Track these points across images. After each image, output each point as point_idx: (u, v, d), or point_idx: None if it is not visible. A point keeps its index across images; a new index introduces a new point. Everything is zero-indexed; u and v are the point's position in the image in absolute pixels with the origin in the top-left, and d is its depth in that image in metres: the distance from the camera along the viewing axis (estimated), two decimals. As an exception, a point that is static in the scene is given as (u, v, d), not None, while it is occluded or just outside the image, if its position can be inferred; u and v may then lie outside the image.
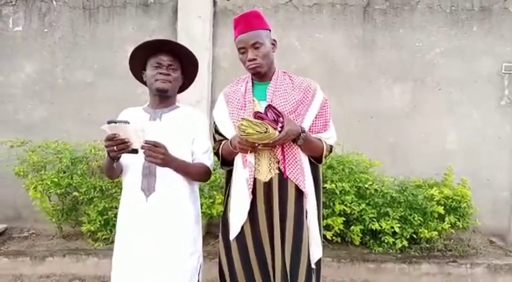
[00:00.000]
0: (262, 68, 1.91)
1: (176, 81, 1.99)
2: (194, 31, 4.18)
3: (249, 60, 1.89)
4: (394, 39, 4.29)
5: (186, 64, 2.04)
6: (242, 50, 1.92)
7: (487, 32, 4.25)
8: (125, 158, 1.85)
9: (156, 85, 1.92)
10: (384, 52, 4.30)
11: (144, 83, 2.06)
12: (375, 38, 4.30)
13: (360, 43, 4.31)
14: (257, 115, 1.77)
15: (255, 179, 1.89)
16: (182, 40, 4.12)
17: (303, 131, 1.84)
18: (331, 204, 3.52)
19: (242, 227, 1.91)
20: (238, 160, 1.95)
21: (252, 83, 2.02)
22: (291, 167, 1.87)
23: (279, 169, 1.88)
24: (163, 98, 1.99)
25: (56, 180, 3.61)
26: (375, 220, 3.53)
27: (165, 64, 1.93)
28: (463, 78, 4.27)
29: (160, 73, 1.91)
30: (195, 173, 1.96)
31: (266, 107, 1.83)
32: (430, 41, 4.27)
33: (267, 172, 1.89)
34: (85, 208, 3.72)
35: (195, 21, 4.19)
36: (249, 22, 1.90)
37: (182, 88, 2.14)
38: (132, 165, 1.91)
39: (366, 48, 4.31)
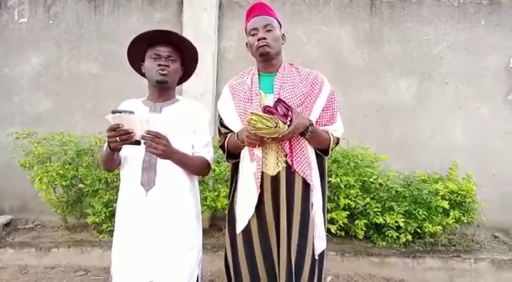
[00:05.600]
0: (271, 49, 1.90)
1: (175, 72, 1.95)
2: (200, 24, 4.16)
3: (259, 40, 1.88)
4: (401, 33, 4.26)
5: (185, 55, 2.00)
6: (253, 31, 1.92)
7: (495, 26, 4.20)
8: (124, 151, 1.82)
9: (156, 77, 1.88)
10: (391, 45, 4.27)
11: (143, 74, 2.02)
12: (382, 32, 4.27)
13: (367, 36, 4.28)
14: (266, 109, 1.76)
15: (262, 173, 1.88)
16: (187, 32, 4.11)
17: (311, 125, 1.83)
18: (336, 198, 3.52)
19: (249, 221, 1.91)
20: (245, 153, 1.95)
21: (258, 75, 2.01)
22: (299, 160, 1.87)
23: (286, 162, 1.88)
24: (163, 91, 1.95)
25: (61, 171, 3.62)
26: (379, 214, 3.53)
27: (164, 56, 1.88)
28: (470, 72, 4.23)
29: (159, 64, 1.87)
30: (195, 166, 1.93)
31: (275, 102, 1.82)
32: (437, 35, 4.23)
33: (274, 166, 1.89)
34: (90, 200, 3.73)
35: (201, 13, 4.16)
36: (263, 9, 1.97)
37: (181, 80, 2.10)
38: (132, 158, 1.88)
39: (373, 42, 4.28)
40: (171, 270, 1.84)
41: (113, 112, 1.62)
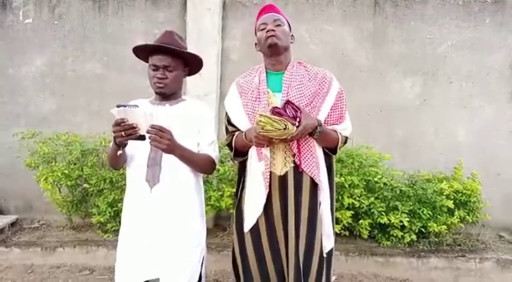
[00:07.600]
0: (279, 40, 1.90)
1: (175, 80, 1.96)
2: (203, 24, 4.16)
3: (268, 31, 1.90)
4: (405, 32, 4.25)
5: (188, 60, 2.02)
6: (263, 26, 1.94)
7: (500, 25, 4.19)
8: (130, 148, 1.84)
9: (154, 89, 1.94)
10: (395, 45, 4.26)
11: None
12: (386, 31, 4.26)
13: (370, 36, 4.27)
14: (275, 111, 1.76)
15: (270, 172, 1.88)
16: (191, 32, 4.12)
17: (320, 125, 1.83)
18: (340, 197, 3.52)
19: (257, 220, 1.91)
20: (252, 152, 1.95)
21: (266, 73, 2.01)
22: (307, 160, 1.86)
23: (294, 162, 1.88)
24: (166, 96, 1.99)
25: (66, 171, 3.64)
26: (383, 213, 3.53)
27: (161, 67, 1.91)
28: (475, 71, 4.22)
29: (157, 77, 1.90)
30: (200, 163, 1.94)
31: (284, 103, 1.82)
32: (441, 34, 4.22)
33: (282, 165, 1.89)
34: (95, 200, 3.75)
35: (204, 13, 4.16)
36: (273, 9, 2.02)
37: (191, 73, 2.11)
38: (137, 155, 1.90)
39: (376, 41, 4.27)
40: (174, 268, 1.86)
41: (118, 106, 1.64)
